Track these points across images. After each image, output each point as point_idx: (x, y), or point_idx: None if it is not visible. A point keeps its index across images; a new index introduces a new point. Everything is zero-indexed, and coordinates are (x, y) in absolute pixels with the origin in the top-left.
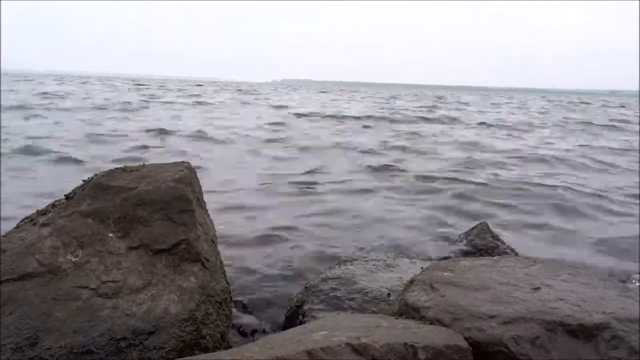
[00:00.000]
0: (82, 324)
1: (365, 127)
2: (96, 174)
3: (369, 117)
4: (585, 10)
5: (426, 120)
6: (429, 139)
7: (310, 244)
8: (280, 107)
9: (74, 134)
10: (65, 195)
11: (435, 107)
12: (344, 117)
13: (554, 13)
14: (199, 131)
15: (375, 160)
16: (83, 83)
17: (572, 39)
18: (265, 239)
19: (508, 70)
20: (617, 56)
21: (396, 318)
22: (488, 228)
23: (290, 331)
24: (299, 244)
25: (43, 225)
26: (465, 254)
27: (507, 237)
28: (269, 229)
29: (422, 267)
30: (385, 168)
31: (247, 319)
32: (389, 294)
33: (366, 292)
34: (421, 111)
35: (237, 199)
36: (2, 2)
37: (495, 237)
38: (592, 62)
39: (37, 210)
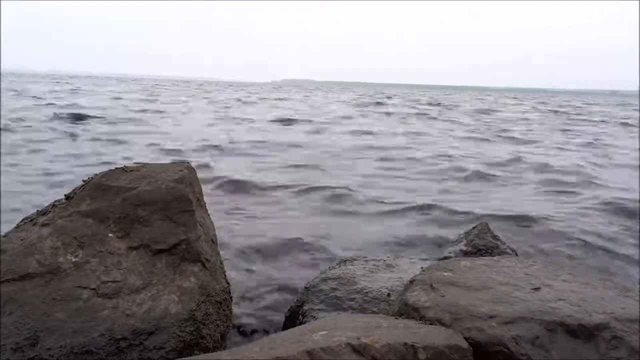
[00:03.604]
0: (82, 324)
1: None
2: (96, 174)
3: None
4: (585, 10)
5: None
6: None
7: None
8: None
9: None
10: (65, 195)
11: None
12: None
13: (554, 13)
14: None
15: None
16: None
17: (572, 39)
18: None
19: (508, 70)
20: (617, 56)
21: (396, 318)
22: (488, 228)
23: (290, 331)
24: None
25: (43, 225)
26: (465, 254)
27: None
28: None
29: (422, 267)
30: None
31: (247, 319)
32: (389, 294)
33: (366, 292)
34: None
35: None
36: (1, 2)
37: (495, 237)
38: (592, 62)
39: (37, 211)
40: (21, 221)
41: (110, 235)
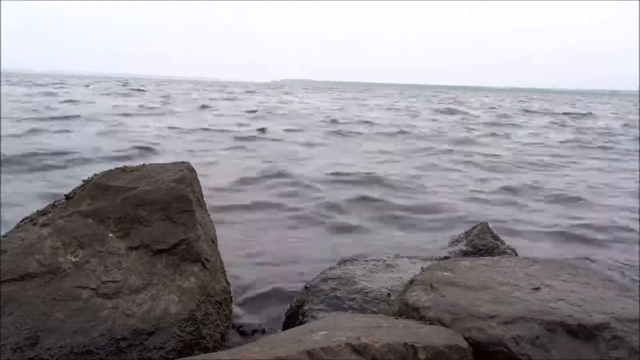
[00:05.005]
0: (82, 324)
1: None
2: (96, 174)
3: None
4: (585, 10)
5: None
6: None
7: None
8: None
9: None
10: (65, 195)
11: None
12: None
13: (554, 13)
14: None
15: None
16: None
17: (572, 39)
18: None
19: (508, 70)
20: (617, 56)
21: (396, 318)
22: (488, 228)
23: (290, 331)
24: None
25: (43, 225)
26: (465, 254)
27: None
28: None
29: (422, 267)
30: None
31: (247, 319)
32: (389, 294)
33: (366, 292)
34: None
35: None
36: (1, 2)
37: (495, 237)
38: (592, 62)
39: (37, 211)
40: (21, 221)
41: (110, 235)
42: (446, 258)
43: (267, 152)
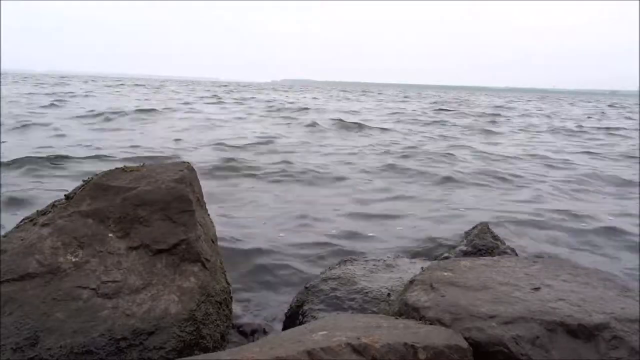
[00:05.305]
0: (82, 324)
1: None
2: (96, 174)
3: None
4: (585, 10)
5: None
6: None
7: None
8: None
9: None
10: (65, 195)
11: None
12: None
13: (554, 13)
14: None
15: None
16: None
17: (572, 39)
18: None
19: (508, 70)
20: (617, 56)
21: (396, 318)
22: (488, 228)
23: (290, 331)
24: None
25: (43, 225)
26: (465, 254)
27: None
28: None
29: (422, 267)
30: None
31: (247, 319)
32: (389, 294)
33: (366, 292)
34: None
35: None
36: (1, 2)
37: (495, 237)
38: (592, 62)
39: (37, 211)
40: (21, 221)
41: (110, 235)
42: (446, 258)
43: None
